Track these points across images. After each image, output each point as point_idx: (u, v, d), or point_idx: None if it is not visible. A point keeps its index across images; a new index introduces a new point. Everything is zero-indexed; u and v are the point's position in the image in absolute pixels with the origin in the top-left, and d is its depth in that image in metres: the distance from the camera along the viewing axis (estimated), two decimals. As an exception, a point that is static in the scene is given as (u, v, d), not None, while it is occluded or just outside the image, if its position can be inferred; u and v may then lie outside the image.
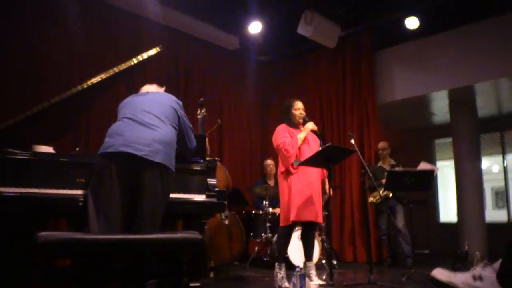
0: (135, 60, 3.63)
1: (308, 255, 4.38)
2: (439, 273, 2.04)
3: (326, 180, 4.53)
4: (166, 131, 2.97)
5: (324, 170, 4.49)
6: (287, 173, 4.29)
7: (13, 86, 4.78)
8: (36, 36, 4.94)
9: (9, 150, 2.89)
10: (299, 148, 4.30)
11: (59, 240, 1.81)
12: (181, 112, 3.22)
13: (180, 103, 3.25)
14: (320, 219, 4.28)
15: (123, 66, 3.55)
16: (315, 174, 4.34)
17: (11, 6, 4.81)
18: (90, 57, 5.37)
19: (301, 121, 4.42)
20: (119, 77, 3.64)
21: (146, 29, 5.89)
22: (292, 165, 4.26)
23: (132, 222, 2.79)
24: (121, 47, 5.61)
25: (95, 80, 3.46)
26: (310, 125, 4.34)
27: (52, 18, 5.10)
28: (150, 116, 2.97)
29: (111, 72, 3.50)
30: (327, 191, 4.46)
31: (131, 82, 4.33)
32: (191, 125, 3.35)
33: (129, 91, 3.72)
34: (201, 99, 4.30)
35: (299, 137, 4.30)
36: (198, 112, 4.25)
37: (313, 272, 4.28)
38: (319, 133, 4.53)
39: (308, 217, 4.18)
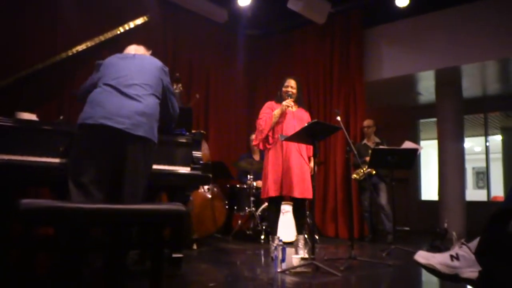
0: (121, 29, 3.57)
1: (297, 229, 4.48)
2: (419, 256, 2.09)
3: (311, 158, 4.58)
4: (149, 102, 2.88)
5: (310, 148, 4.54)
6: (263, 146, 4.57)
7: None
8: (20, 2, 4.80)
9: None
10: (278, 124, 4.40)
11: (41, 208, 1.79)
12: (167, 79, 3.13)
13: (167, 69, 3.15)
14: (297, 194, 4.33)
15: (109, 35, 3.49)
16: (293, 150, 4.39)
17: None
18: (75, 24, 5.24)
19: (287, 97, 4.51)
20: (105, 45, 3.59)
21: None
22: (266, 138, 4.45)
23: (113, 195, 2.76)
24: (108, 15, 5.47)
25: (80, 48, 3.40)
26: (284, 102, 4.46)
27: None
28: (133, 86, 2.87)
29: (96, 40, 3.45)
30: (311, 168, 4.50)
31: (117, 51, 4.26)
32: (174, 93, 3.26)
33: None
34: (177, 74, 4.31)
35: (274, 114, 4.49)
36: (175, 87, 4.27)
37: (300, 245, 4.35)
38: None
39: (283, 192, 4.30)
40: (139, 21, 3.65)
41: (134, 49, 3.22)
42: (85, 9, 5.37)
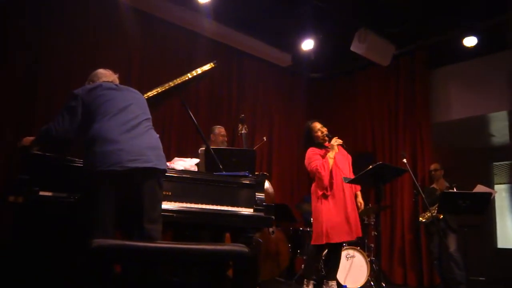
0: (189, 75, 3.70)
1: (331, 273, 4.45)
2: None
3: (359, 193, 4.49)
4: (156, 136, 2.86)
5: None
6: (323, 196, 4.28)
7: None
8: (95, 50, 5.14)
9: (70, 158, 3.00)
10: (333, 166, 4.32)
11: (112, 246, 1.88)
12: None
13: None
14: (354, 238, 4.26)
15: (178, 81, 3.61)
16: (349, 191, 4.31)
17: (73, 22, 5.04)
18: (146, 71, 5.57)
19: (326, 139, 4.43)
20: (174, 91, 3.72)
21: (201, 45, 6.06)
22: (330, 185, 4.25)
23: (128, 229, 2.67)
24: (177, 62, 5.79)
25: (151, 93, 3.53)
26: (334, 142, 4.34)
27: (111, 34, 5.33)
28: (142, 122, 2.81)
29: (166, 86, 3.57)
30: (360, 204, 4.41)
31: (185, 96, 4.45)
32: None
33: (183, 106, 3.80)
34: (242, 115, 4.41)
35: (329, 157, 4.30)
36: (240, 127, 4.36)
37: None
38: (346, 147, 4.50)
39: (348, 237, 4.18)
40: (207, 67, 3.79)
41: (105, 76, 3.13)
42: (155, 57, 5.71)
